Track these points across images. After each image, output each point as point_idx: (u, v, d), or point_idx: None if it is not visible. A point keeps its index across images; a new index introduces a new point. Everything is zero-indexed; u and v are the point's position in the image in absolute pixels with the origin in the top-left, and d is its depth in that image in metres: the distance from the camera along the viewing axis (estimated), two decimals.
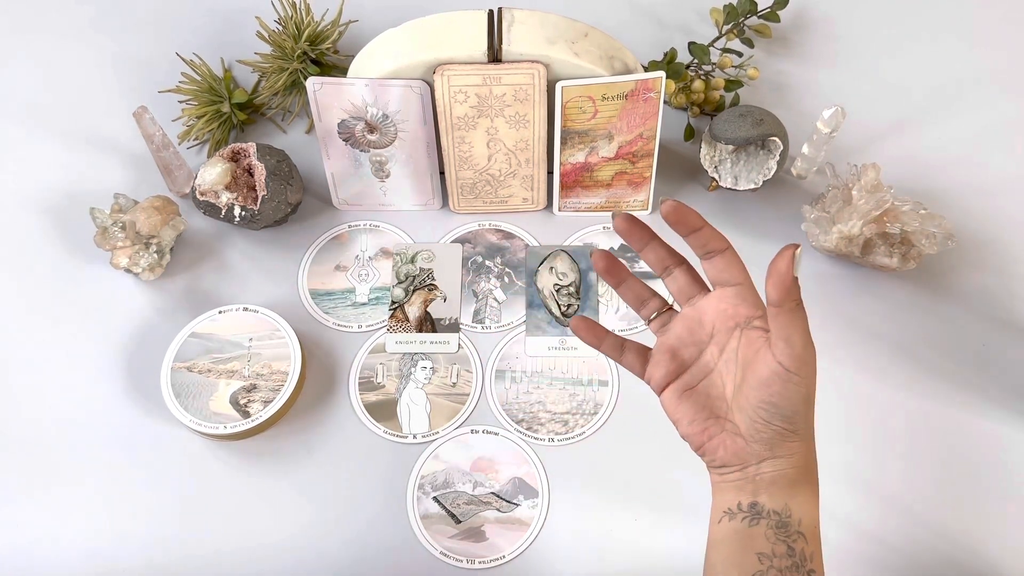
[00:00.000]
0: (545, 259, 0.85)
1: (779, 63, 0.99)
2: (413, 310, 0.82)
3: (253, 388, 0.76)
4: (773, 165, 0.83)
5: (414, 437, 0.76)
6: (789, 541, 0.49)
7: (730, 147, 0.85)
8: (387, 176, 0.86)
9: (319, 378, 0.79)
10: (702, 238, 0.52)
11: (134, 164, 0.91)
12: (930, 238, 0.79)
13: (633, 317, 0.81)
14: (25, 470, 0.75)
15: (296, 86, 0.92)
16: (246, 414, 0.74)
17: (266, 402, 0.75)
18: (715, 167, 0.86)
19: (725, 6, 0.96)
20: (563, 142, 0.81)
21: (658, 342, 0.55)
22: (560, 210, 0.88)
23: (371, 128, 0.82)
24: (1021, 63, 0.98)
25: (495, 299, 0.83)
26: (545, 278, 0.84)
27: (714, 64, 0.94)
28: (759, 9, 0.95)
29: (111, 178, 0.90)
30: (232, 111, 0.91)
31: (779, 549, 0.49)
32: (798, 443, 0.50)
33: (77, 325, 0.82)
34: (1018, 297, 0.82)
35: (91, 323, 0.82)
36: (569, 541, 0.71)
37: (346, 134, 0.82)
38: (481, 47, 0.76)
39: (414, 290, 0.83)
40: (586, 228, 0.87)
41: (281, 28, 0.91)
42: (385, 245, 0.86)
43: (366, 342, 0.81)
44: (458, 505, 0.73)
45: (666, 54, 0.93)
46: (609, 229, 0.87)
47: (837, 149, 0.89)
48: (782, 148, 0.82)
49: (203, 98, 0.90)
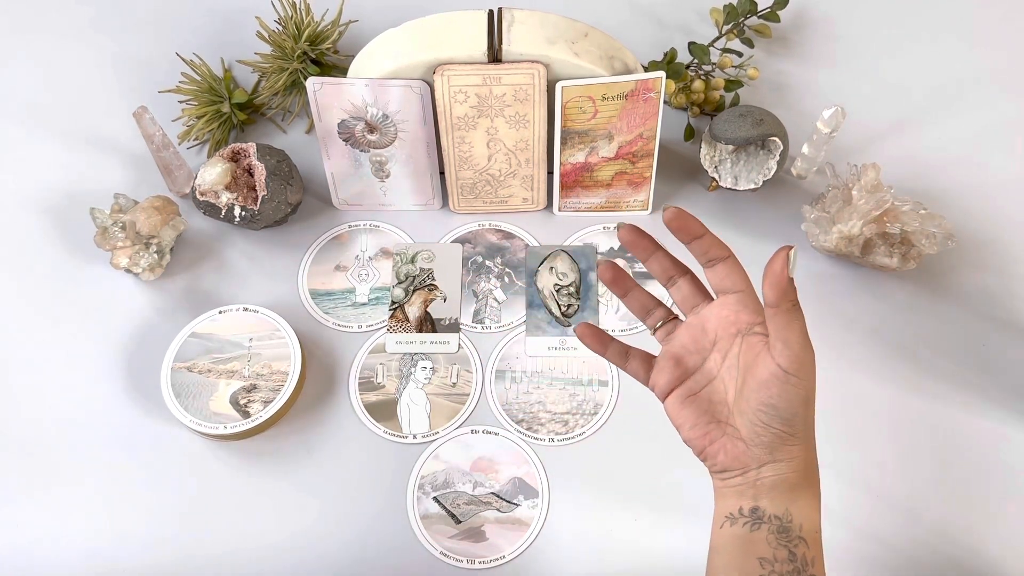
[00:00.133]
0: (545, 259, 0.85)
1: (779, 63, 0.99)
2: (413, 310, 0.82)
3: (253, 388, 0.76)
4: (773, 165, 0.83)
5: (414, 437, 0.76)
6: (790, 546, 0.49)
7: (730, 147, 0.85)
8: (387, 176, 0.86)
9: (319, 378, 0.79)
10: (704, 245, 0.53)
11: (134, 164, 0.91)
12: (930, 238, 0.79)
13: (632, 317, 0.81)
14: (25, 470, 0.75)
15: (296, 86, 0.92)
16: (246, 414, 0.74)
17: (266, 402, 0.75)
18: (715, 167, 0.86)
19: (725, 6, 0.96)
20: (563, 142, 0.81)
21: (663, 350, 0.56)
22: (560, 210, 0.88)
23: (371, 128, 0.82)
24: (1021, 63, 0.98)
25: (495, 299, 0.83)
26: (545, 278, 0.84)
27: (714, 64, 0.94)
28: (759, 9, 0.95)
29: (111, 178, 0.90)
30: (232, 111, 0.91)
31: (780, 554, 0.49)
32: (798, 447, 0.50)
33: (77, 325, 0.82)
34: (1018, 297, 0.82)
35: (91, 323, 0.82)
36: (569, 541, 0.71)
37: (346, 134, 0.82)
38: (481, 47, 0.76)
39: (414, 290, 0.83)
40: (586, 228, 0.87)
41: (281, 28, 0.91)
42: (385, 245, 0.86)
43: (366, 342, 0.81)
44: (458, 505, 0.73)
45: (666, 54, 0.93)
46: (609, 229, 0.87)
47: (837, 149, 0.89)
48: (782, 148, 0.82)
49: (203, 98, 0.90)
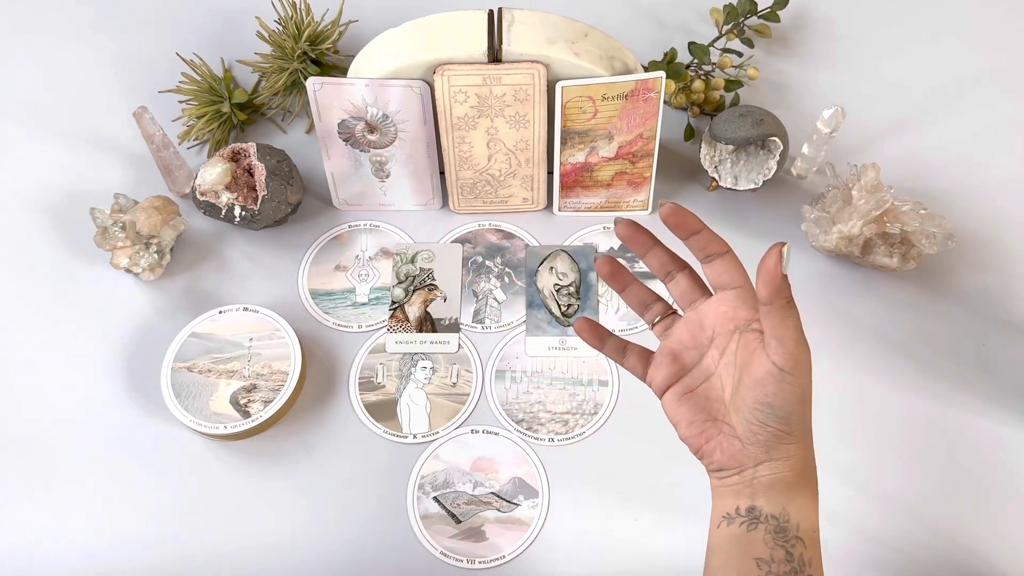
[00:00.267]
0: (545, 259, 0.85)
1: (779, 63, 0.99)
2: (413, 310, 0.82)
3: (253, 388, 0.76)
4: (773, 165, 0.83)
5: (414, 437, 0.76)
6: (787, 546, 0.49)
7: (730, 147, 0.85)
8: (387, 176, 0.86)
9: (319, 378, 0.79)
10: (701, 241, 0.53)
11: (134, 164, 0.91)
12: (930, 238, 0.79)
13: (633, 317, 0.81)
14: (25, 470, 0.75)
15: (296, 86, 0.92)
16: (246, 414, 0.74)
17: (266, 402, 0.75)
18: (715, 167, 0.86)
19: (725, 6, 0.96)
20: (563, 142, 0.81)
21: (661, 345, 0.56)
22: (560, 210, 0.88)
23: (371, 128, 0.82)
24: (1021, 63, 0.98)
25: (495, 299, 0.83)
26: (545, 278, 0.84)
27: (714, 64, 0.94)
28: (759, 9, 0.95)
29: (111, 178, 0.90)
30: (232, 111, 0.91)
31: (777, 554, 0.49)
32: (794, 446, 0.50)
33: (77, 325, 0.82)
34: (1018, 297, 0.82)
35: (91, 323, 0.82)
36: (569, 541, 0.71)
37: (346, 134, 0.82)
38: (481, 47, 0.76)
39: (414, 290, 0.83)
40: (586, 228, 0.87)
41: (281, 28, 0.91)
42: (385, 245, 0.86)
43: (366, 342, 0.81)
44: (458, 505, 0.73)
45: (666, 54, 0.93)
46: (609, 229, 0.87)
47: (837, 149, 0.89)
48: (782, 148, 0.82)
49: (203, 98, 0.90)
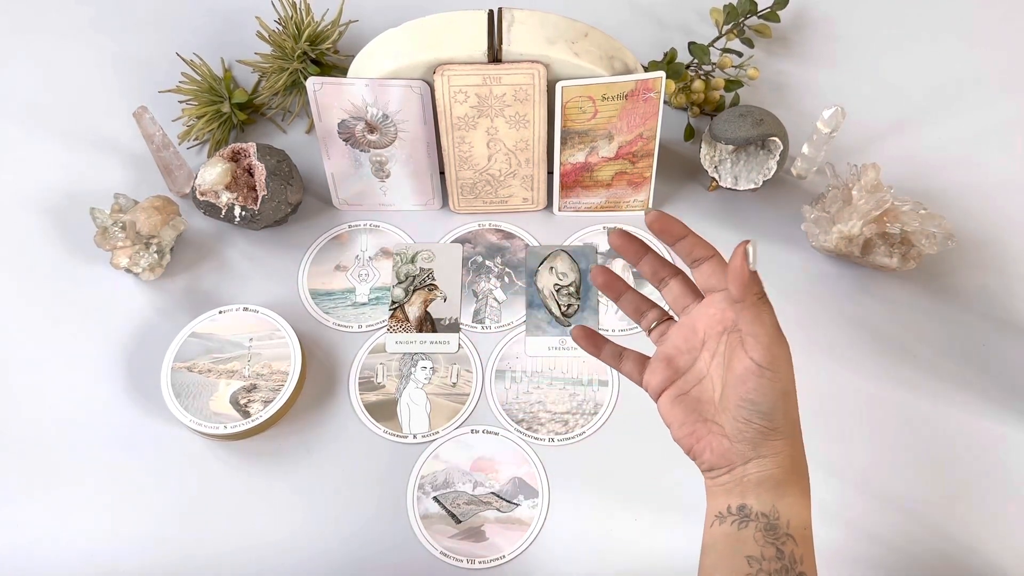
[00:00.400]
0: (545, 259, 0.85)
1: (779, 63, 0.99)
2: (413, 310, 0.82)
3: (253, 388, 0.76)
4: (773, 165, 0.83)
5: (414, 437, 0.76)
6: (778, 543, 0.49)
7: (730, 147, 0.85)
8: (387, 176, 0.86)
9: (319, 378, 0.79)
10: (687, 246, 0.54)
11: (134, 164, 0.91)
12: (930, 238, 0.79)
13: None
14: (25, 470, 0.75)
15: (296, 86, 0.92)
16: (246, 414, 0.74)
17: (266, 402, 0.75)
18: (715, 167, 0.86)
19: (725, 6, 0.96)
20: (563, 142, 0.81)
21: (657, 350, 0.57)
22: (560, 210, 0.88)
23: (371, 128, 0.82)
24: (1021, 63, 0.98)
25: (495, 299, 0.83)
26: (545, 278, 0.84)
27: (714, 64, 0.94)
28: (759, 9, 0.95)
29: (111, 178, 0.90)
30: (232, 111, 0.91)
31: (768, 552, 0.49)
32: (781, 442, 0.50)
33: (77, 325, 0.82)
34: (1018, 297, 0.82)
35: (91, 323, 0.82)
36: (569, 541, 0.71)
37: (346, 134, 0.82)
38: (481, 47, 0.76)
39: (414, 290, 0.83)
40: (586, 228, 0.87)
41: (281, 28, 0.91)
42: (385, 245, 0.86)
43: (366, 342, 0.81)
44: (458, 505, 0.73)
45: (666, 54, 0.93)
46: (609, 229, 0.87)
47: (837, 149, 0.89)
48: (782, 148, 0.82)
49: (203, 98, 0.90)
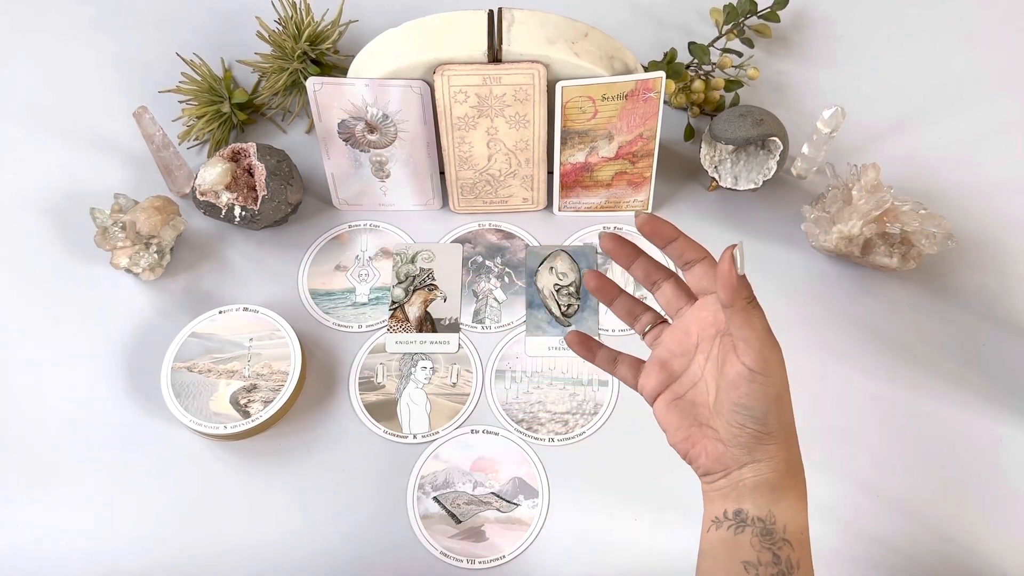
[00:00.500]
0: (545, 259, 0.85)
1: (779, 63, 0.99)
2: (413, 310, 0.82)
3: (253, 388, 0.76)
4: (773, 165, 0.83)
5: (414, 437, 0.76)
6: (774, 549, 0.49)
7: (730, 147, 0.85)
8: (387, 176, 0.86)
9: (319, 378, 0.79)
10: (678, 248, 0.54)
11: (134, 164, 0.91)
12: (930, 238, 0.79)
13: None
14: (25, 470, 0.75)
15: (296, 86, 0.92)
16: (246, 414, 0.74)
17: (266, 402, 0.75)
18: (715, 167, 0.86)
19: (725, 6, 0.96)
20: (563, 142, 0.81)
21: (651, 354, 0.56)
22: (560, 210, 0.88)
23: (371, 128, 0.82)
24: (1021, 63, 0.98)
25: (495, 299, 0.83)
26: (545, 278, 0.84)
27: (714, 64, 0.94)
28: (759, 9, 0.95)
29: (111, 178, 0.90)
30: (232, 111, 0.91)
31: (764, 557, 0.49)
32: (775, 446, 0.50)
33: (77, 325, 0.82)
34: (1018, 297, 0.82)
35: (91, 323, 0.82)
36: (569, 541, 0.71)
37: (346, 134, 0.82)
38: (481, 47, 0.76)
39: (414, 290, 0.83)
40: (586, 228, 0.87)
41: (281, 28, 0.91)
42: (385, 245, 0.86)
43: (366, 342, 0.81)
44: (458, 505, 0.73)
45: (666, 54, 0.93)
46: (609, 229, 0.87)
47: (837, 149, 0.89)
48: (782, 148, 0.82)
49: (203, 98, 0.90)
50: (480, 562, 0.71)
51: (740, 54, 0.96)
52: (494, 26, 0.77)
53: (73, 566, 0.71)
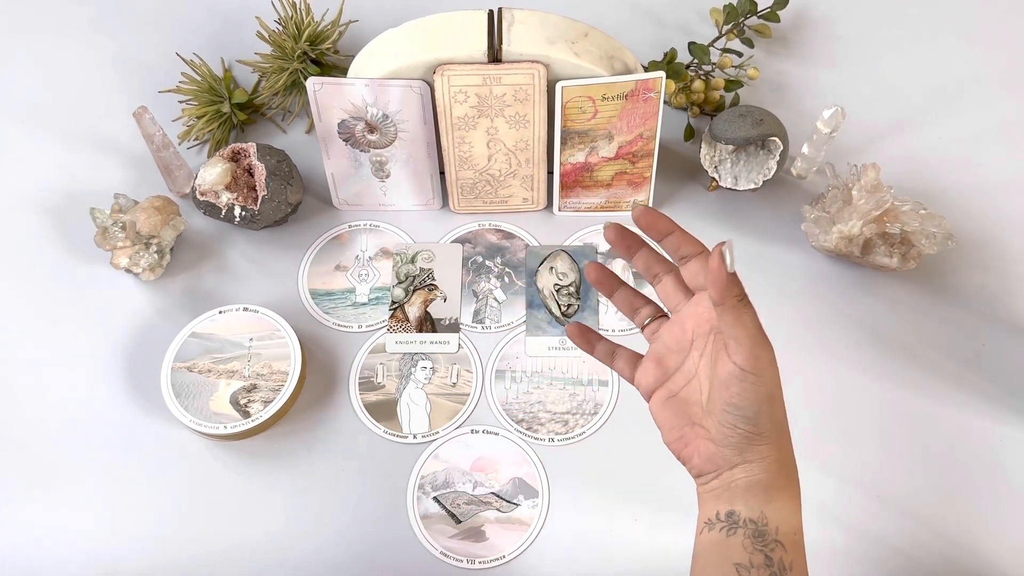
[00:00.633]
0: (545, 259, 0.85)
1: (779, 63, 0.99)
2: (413, 310, 0.82)
3: (253, 388, 0.76)
4: (773, 165, 0.83)
5: (414, 437, 0.76)
6: (767, 551, 0.49)
7: (730, 147, 0.85)
8: (387, 176, 0.86)
9: (319, 378, 0.79)
10: (674, 242, 0.53)
11: (134, 164, 0.91)
12: (930, 238, 0.79)
13: None
14: (25, 470, 0.75)
15: (296, 86, 0.92)
16: (246, 414, 0.74)
17: (266, 402, 0.75)
18: (715, 167, 0.86)
19: (725, 6, 0.96)
20: (563, 142, 0.81)
21: (648, 349, 0.56)
22: (560, 210, 0.88)
23: (371, 128, 0.82)
24: (1021, 63, 0.98)
25: (495, 299, 0.83)
26: (545, 278, 0.84)
27: (714, 64, 0.94)
28: (759, 9, 0.95)
29: (111, 178, 0.90)
30: (232, 111, 0.91)
31: (756, 559, 0.49)
32: (767, 446, 0.50)
33: (77, 325, 0.82)
34: (1018, 297, 0.82)
35: (91, 323, 0.82)
36: (569, 541, 0.71)
37: (346, 134, 0.82)
38: (481, 47, 0.76)
39: (414, 290, 0.83)
40: (586, 228, 0.87)
41: (281, 28, 0.91)
42: (385, 245, 0.86)
43: (366, 342, 0.81)
44: (458, 505, 0.73)
45: (666, 54, 0.93)
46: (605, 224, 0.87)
47: (837, 149, 0.89)
48: (782, 148, 0.82)
49: (203, 98, 0.90)
50: (480, 562, 0.71)
51: (740, 54, 0.96)
52: (494, 26, 0.77)
53: (73, 566, 0.71)
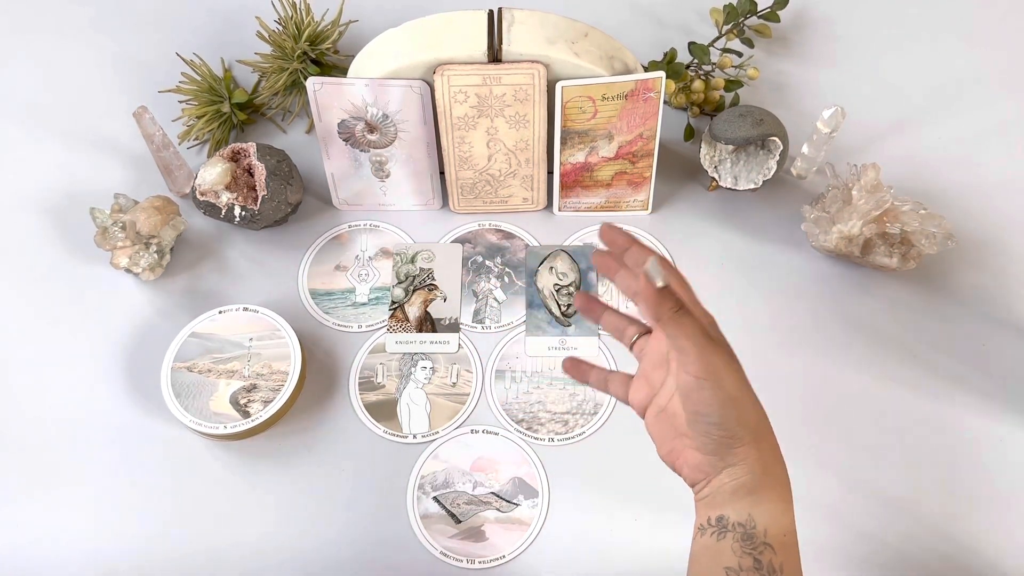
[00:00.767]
0: (545, 259, 0.85)
1: (779, 63, 0.99)
2: (413, 310, 0.82)
3: (253, 388, 0.76)
4: (773, 165, 0.83)
5: (414, 437, 0.76)
6: (755, 553, 0.49)
7: (730, 147, 0.85)
8: (387, 176, 0.86)
9: (319, 378, 0.79)
10: (633, 257, 0.54)
11: (134, 164, 0.91)
12: (930, 238, 0.79)
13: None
14: (25, 470, 0.75)
15: (296, 86, 0.92)
16: (246, 414, 0.74)
17: (266, 402, 0.75)
18: (715, 167, 0.86)
19: (725, 6, 0.96)
20: (563, 142, 0.81)
21: (638, 368, 0.57)
22: (560, 210, 0.88)
23: (371, 128, 0.82)
24: (1021, 63, 0.98)
25: (495, 299, 0.83)
26: (545, 278, 0.84)
27: (714, 64, 0.94)
28: (759, 9, 0.95)
29: (111, 178, 0.90)
30: (232, 111, 0.91)
31: (746, 562, 0.49)
32: (744, 448, 0.50)
33: (77, 325, 0.82)
34: (1018, 297, 0.82)
35: (91, 323, 0.82)
36: (569, 541, 0.71)
37: (346, 134, 0.82)
38: (481, 47, 0.76)
39: (414, 290, 0.83)
40: (586, 228, 0.87)
41: (281, 28, 0.91)
42: (385, 245, 0.86)
43: (366, 342, 0.81)
44: (458, 505, 0.73)
45: (666, 54, 0.93)
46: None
47: (837, 149, 0.89)
48: (782, 148, 0.82)
49: (203, 98, 0.90)
50: (480, 562, 0.71)
51: (740, 54, 0.96)
52: (494, 26, 0.77)
53: (73, 566, 0.71)
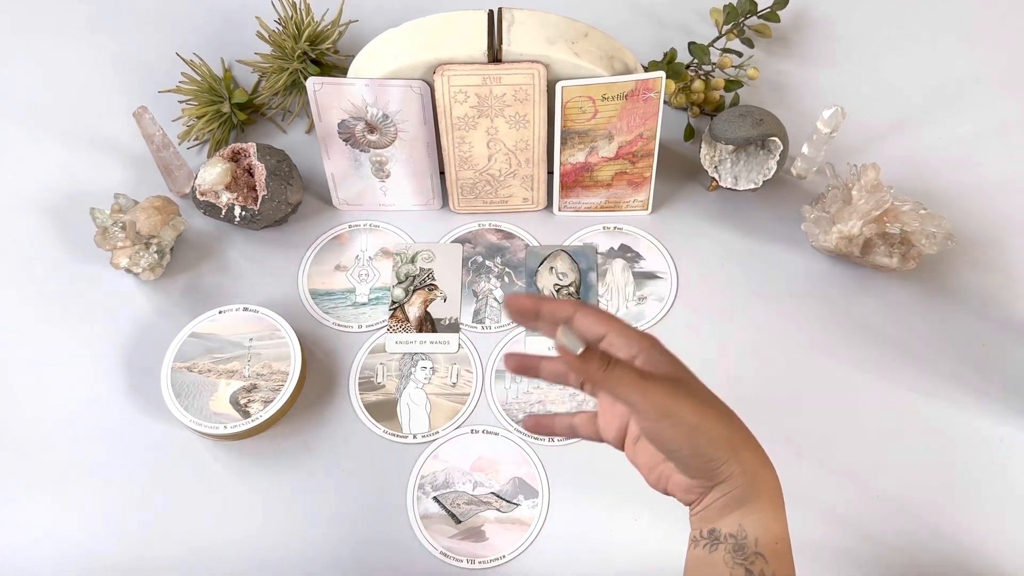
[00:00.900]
0: (545, 259, 0.85)
1: (779, 63, 0.99)
2: (413, 310, 0.82)
3: (253, 388, 0.76)
4: (773, 165, 0.83)
5: (414, 437, 0.76)
6: (747, 564, 0.49)
7: (730, 147, 0.85)
8: (387, 176, 0.86)
9: (319, 378, 0.79)
10: (548, 317, 0.51)
11: (134, 164, 0.91)
12: (930, 238, 0.79)
13: (636, 318, 0.81)
14: (25, 470, 0.75)
15: (296, 86, 0.92)
16: (246, 414, 0.74)
17: (266, 402, 0.75)
18: (715, 167, 0.86)
19: (725, 6, 0.96)
20: (563, 142, 0.81)
21: (598, 403, 0.56)
22: (560, 210, 0.88)
23: (371, 128, 0.82)
24: (1021, 63, 0.98)
25: (495, 299, 0.83)
26: (545, 278, 0.84)
27: (714, 64, 0.94)
28: (759, 9, 0.95)
29: (111, 178, 0.90)
30: (232, 111, 0.91)
31: (737, 573, 0.49)
32: (726, 464, 0.49)
33: (77, 325, 0.82)
34: (1018, 297, 0.82)
35: (91, 323, 0.82)
36: (569, 541, 0.71)
37: (346, 134, 0.82)
38: (481, 47, 0.76)
39: (414, 290, 0.83)
40: (586, 228, 0.87)
41: (281, 28, 0.91)
42: (385, 245, 0.86)
43: (366, 342, 0.81)
44: (458, 505, 0.73)
45: (666, 54, 0.93)
46: (609, 229, 0.87)
47: (837, 149, 0.89)
48: (782, 148, 0.82)
49: (203, 98, 0.90)
50: (480, 562, 0.71)
51: (740, 54, 0.96)
52: (494, 26, 0.77)
53: (73, 566, 0.71)
